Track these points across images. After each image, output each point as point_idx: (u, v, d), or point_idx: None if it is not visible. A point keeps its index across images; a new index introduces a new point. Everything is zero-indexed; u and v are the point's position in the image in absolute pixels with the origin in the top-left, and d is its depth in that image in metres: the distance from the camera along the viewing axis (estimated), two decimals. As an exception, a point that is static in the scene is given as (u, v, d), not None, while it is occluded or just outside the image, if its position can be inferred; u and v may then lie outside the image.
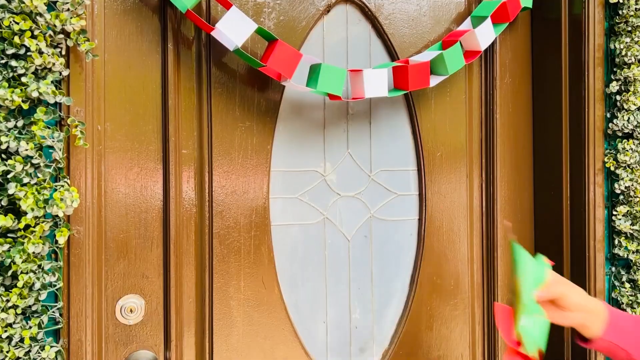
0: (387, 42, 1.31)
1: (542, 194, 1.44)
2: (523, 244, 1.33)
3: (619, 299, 1.34)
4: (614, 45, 1.33)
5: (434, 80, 1.24)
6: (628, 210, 1.33)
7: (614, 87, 1.32)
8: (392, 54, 1.32)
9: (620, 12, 1.31)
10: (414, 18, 1.33)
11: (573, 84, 1.35)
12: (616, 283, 1.35)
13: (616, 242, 1.34)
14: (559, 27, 1.37)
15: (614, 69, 1.33)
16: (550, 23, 1.40)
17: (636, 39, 1.31)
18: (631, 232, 1.32)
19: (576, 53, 1.34)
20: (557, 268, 1.33)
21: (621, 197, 1.34)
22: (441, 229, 1.37)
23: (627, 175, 1.32)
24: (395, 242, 1.34)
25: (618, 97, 1.33)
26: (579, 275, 1.32)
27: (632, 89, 1.31)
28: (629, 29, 1.31)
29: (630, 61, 1.31)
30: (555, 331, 1.39)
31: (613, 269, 1.36)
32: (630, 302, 1.33)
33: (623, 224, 1.32)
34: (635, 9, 1.30)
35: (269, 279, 1.22)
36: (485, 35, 1.26)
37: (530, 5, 1.36)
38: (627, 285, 1.33)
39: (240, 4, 1.17)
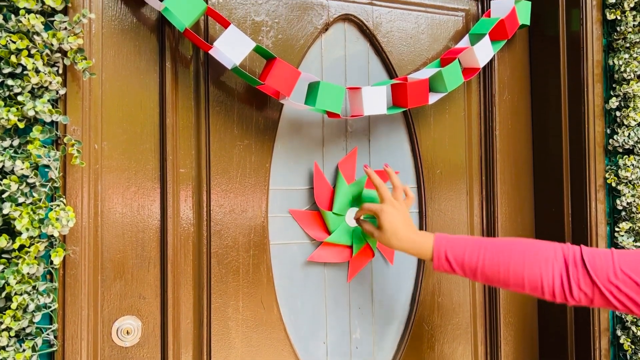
0: (386, 59, 1.31)
1: (543, 210, 1.43)
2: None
3: (622, 315, 1.32)
4: (613, 62, 1.33)
5: (433, 98, 1.24)
6: (630, 227, 1.32)
7: (614, 103, 1.32)
8: (391, 72, 1.32)
9: (618, 28, 1.32)
10: (412, 36, 1.33)
11: (572, 100, 1.35)
12: (620, 301, 1.33)
13: (619, 259, 1.32)
14: (557, 44, 1.37)
15: (613, 85, 1.34)
16: (548, 40, 1.40)
17: (635, 55, 1.31)
18: (634, 248, 1.31)
19: (575, 70, 1.34)
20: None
21: (623, 213, 1.33)
22: (442, 247, 1.35)
23: (629, 192, 1.31)
24: (395, 260, 1.32)
25: (618, 113, 1.33)
26: (583, 293, 1.31)
27: (631, 104, 1.31)
28: (627, 45, 1.32)
29: (629, 77, 1.31)
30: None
31: (617, 286, 1.34)
32: (635, 320, 1.31)
33: (626, 241, 1.31)
34: (633, 25, 1.31)
35: (268, 299, 1.20)
36: (483, 52, 1.27)
37: (528, 22, 1.37)
38: (631, 303, 1.31)
39: (238, 22, 1.17)
